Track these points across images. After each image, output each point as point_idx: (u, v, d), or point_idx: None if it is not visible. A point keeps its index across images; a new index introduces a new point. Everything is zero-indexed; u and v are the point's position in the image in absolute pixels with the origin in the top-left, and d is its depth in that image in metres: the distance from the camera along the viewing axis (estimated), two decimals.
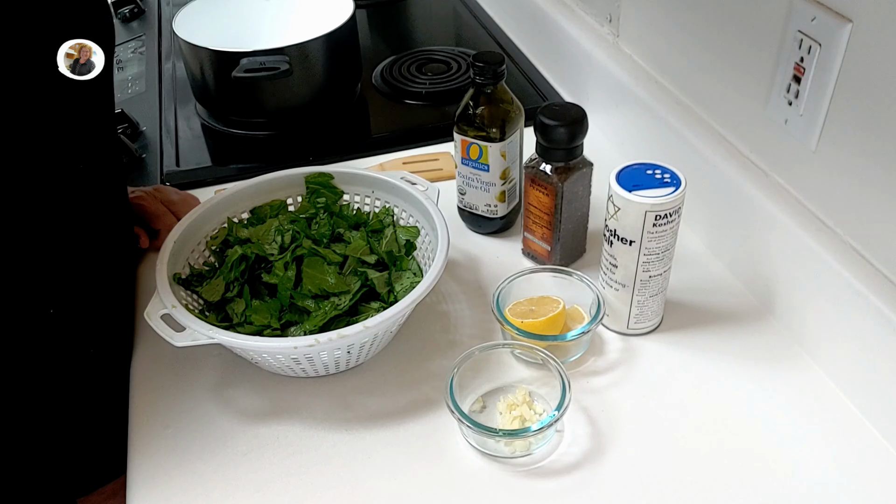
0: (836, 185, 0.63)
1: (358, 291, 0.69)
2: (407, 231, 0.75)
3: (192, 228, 0.73)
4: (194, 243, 0.73)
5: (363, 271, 0.71)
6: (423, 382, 0.68)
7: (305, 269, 0.70)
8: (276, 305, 0.68)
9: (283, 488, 0.60)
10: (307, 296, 0.68)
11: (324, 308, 0.67)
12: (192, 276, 0.72)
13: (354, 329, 0.61)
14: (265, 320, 0.67)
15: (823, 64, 0.61)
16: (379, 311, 0.64)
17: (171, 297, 0.64)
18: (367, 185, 0.79)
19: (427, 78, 1.11)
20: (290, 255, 0.71)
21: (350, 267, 0.72)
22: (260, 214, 0.77)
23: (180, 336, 0.61)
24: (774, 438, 0.62)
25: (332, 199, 0.78)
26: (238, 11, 1.09)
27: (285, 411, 0.66)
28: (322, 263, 0.70)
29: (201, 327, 0.61)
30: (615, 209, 0.65)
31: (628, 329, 0.71)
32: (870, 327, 0.60)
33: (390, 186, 0.77)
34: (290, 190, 0.79)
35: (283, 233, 0.73)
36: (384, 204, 0.78)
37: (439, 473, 0.61)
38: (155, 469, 0.62)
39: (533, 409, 0.64)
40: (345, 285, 0.69)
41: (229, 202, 0.76)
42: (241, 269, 0.71)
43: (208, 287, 0.70)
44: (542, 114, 0.71)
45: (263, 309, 0.68)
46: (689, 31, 0.80)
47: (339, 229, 0.76)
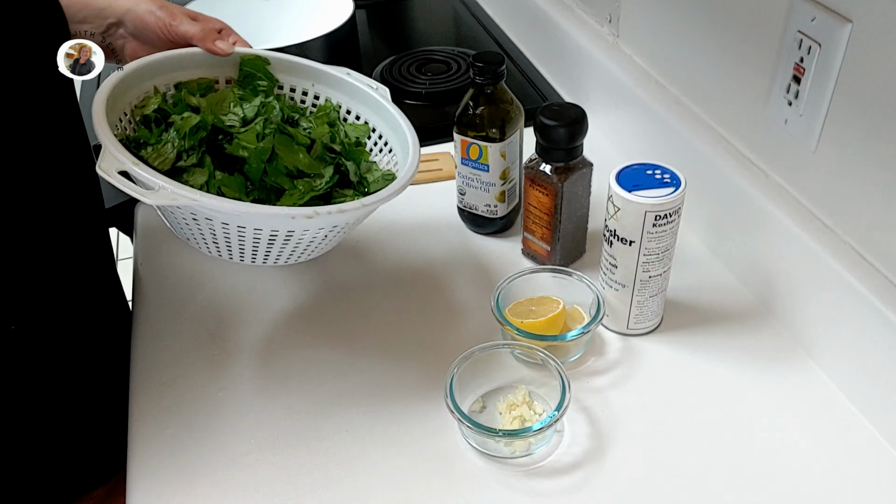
0: (836, 185, 0.64)
1: (332, 177, 0.65)
2: (356, 128, 0.71)
3: (117, 93, 0.64)
4: (119, 111, 0.65)
5: (334, 158, 0.67)
6: (422, 382, 0.68)
7: (277, 147, 0.64)
8: (242, 180, 0.62)
9: (283, 488, 0.60)
10: (281, 172, 0.63)
11: (300, 187, 0.63)
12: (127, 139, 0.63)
13: (353, 205, 0.58)
14: (236, 194, 0.61)
15: (823, 64, 0.61)
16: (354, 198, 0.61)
17: (126, 153, 0.55)
18: (307, 77, 0.73)
19: (427, 78, 1.11)
20: (260, 128, 0.65)
21: (317, 151, 0.67)
22: (187, 89, 0.70)
23: (153, 195, 0.54)
24: (774, 438, 0.62)
25: (269, 88, 0.72)
26: (238, 11, 1.09)
27: (285, 411, 0.66)
28: (292, 143, 0.65)
29: (178, 187, 0.53)
30: (615, 209, 0.65)
31: (628, 329, 0.71)
32: (870, 327, 0.60)
33: (335, 80, 0.72)
34: (217, 70, 0.72)
35: (242, 105, 0.67)
36: (326, 98, 0.73)
37: (439, 473, 0.61)
38: (155, 469, 0.62)
39: (533, 410, 0.64)
40: (318, 167, 0.65)
41: (153, 69, 0.68)
42: (198, 136, 0.64)
43: (154, 152, 0.62)
44: (542, 114, 0.71)
45: (231, 182, 0.61)
46: (689, 32, 0.80)
47: (292, 114, 0.71)
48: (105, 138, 0.56)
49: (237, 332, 0.74)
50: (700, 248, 0.81)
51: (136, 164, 0.55)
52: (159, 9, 0.71)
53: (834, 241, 0.64)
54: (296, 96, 0.74)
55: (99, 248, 0.73)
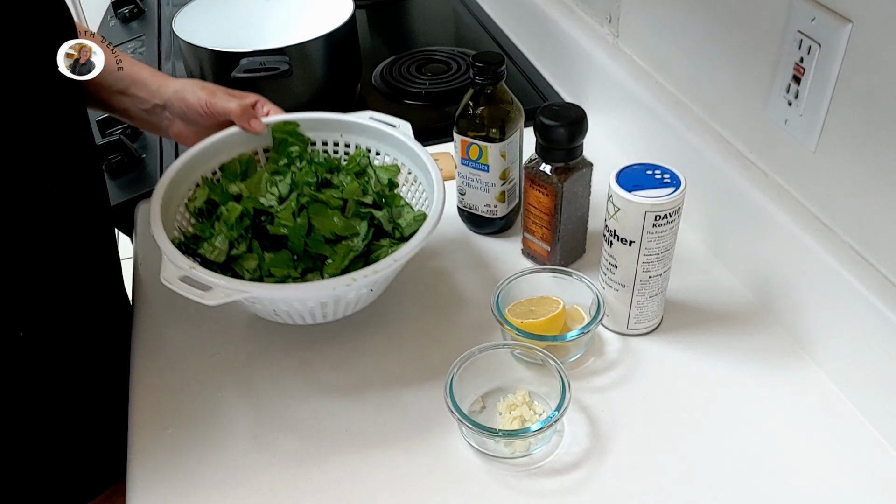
0: (836, 185, 0.64)
1: (368, 232, 0.70)
2: (386, 170, 0.75)
3: (170, 193, 0.70)
4: (175, 207, 0.71)
5: (367, 212, 0.71)
6: (422, 382, 0.68)
7: (313, 217, 0.69)
8: (289, 255, 0.68)
9: (283, 488, 0.60)
10: (321, 242, 0.68)
11: (340, 252, 0.68)
12: (185, 239, 0.69)
13: (385, 263, 0.62)
14: (284, 271, 0.67)
15: (823, 64, 0.61)
16: (390, 246, 0.67)
17: (183, 258, 0.61)
18: (334, 130, 0.78)
19: (427, 78, 1.11)
20: (294, 204, 0.70)
21: (351, 209, 0.71)
22: (231, 170, 0.76)
23: (210, 295, 0.59)
24: (774, 438, 0.62)
25: (302, 148, 0.77)
26: (238, 11, 1.09)
27: (285, 411, 0.66)
28: (325, 209, 0.70)
29: (231, 283, 0.60)
30: (615, 209, 0.65)
31: (628, 329, 0.71)
32: (870, 327, 0.60)
33: (359, 128, 0.77)
34: (254, 143, 0.78)
35: (277, 184, 0.72)
36: (355, 146, 0.78)
37: (439, 473, 0.61)
38: (155, 470, 0.62)
39: (533, 410, 0.64)
40: (353, 227, 0.70)
41: (196, 162, 0.74)
42: (244, 224, 0.70)
43: (209, 247, 0.68)
44: (542, 114, 0.71)
45: (279, 261, 0.67)
46: (689, 31, 0.80)
47: (325, 175, 0.75)
48: (164, 246, 0.63)
49: (237, 333, 0.74)
50: (700, 248, 0.81)
51: (194, 266, 0.61)
52: (201, 89, 0.76)
53: (834, 241, 0.64)
54: (328, 148, 0.79)
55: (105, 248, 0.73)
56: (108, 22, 1.40)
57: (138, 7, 1.39)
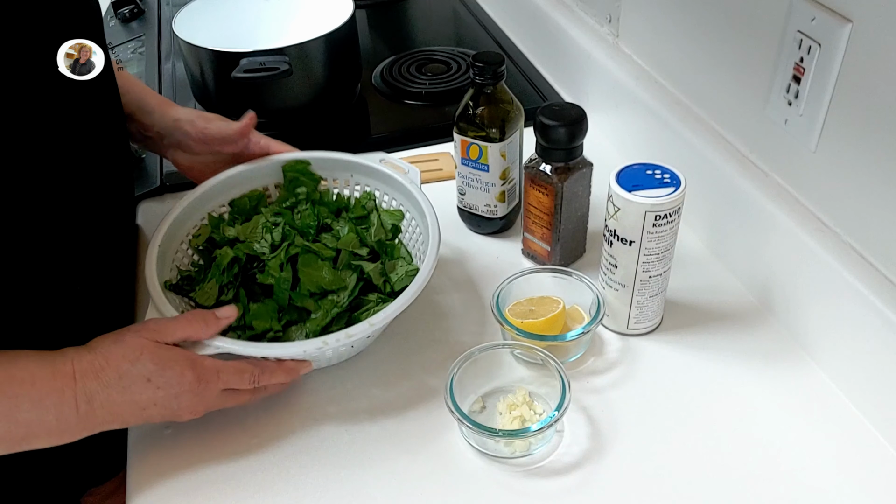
0: (836, 185, 0.64)
1: (355, 287, 0.69)
2: (391, 215, 0.75)
3: (174, 229, 0.71)
4: (177, 243, 0.72)
5: (358, 265, 0.70)
6: (422, 382, 0.68)
7: (301, 269, 0.69)
8: (274, 306, 0.68)
9: (283, 488, 0.60)
10: (305, 296, 0.68)
11: (324, 307, 0.67)
12: (181, 279, 0.71)
13: (361, 328, 0.62)
14: (266, 324, 0.67)
15: (823, 64, 0.61)
16: (377, 303, 0.66)
17: (168, 305, 0.63)
18: (345, 170, 0.78)
19: (427, 78, 1.11)
20: (283, 255, 0.70)
21: (343, 261, 0.71)
22: (240, 206, 0.76)
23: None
24: (774, 438, 0.62)
25: (311, 187, 0.77)
26: (238, 11, 1.09)
27: (285, 412, 0.66)
28: (316, 260, 0.70)
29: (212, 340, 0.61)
30: (615, 209, 0.65)
31: (628, 329, 0.71)
32: (870, 327, 0.60)
33: (369, 170, 0.77)
34: (266, 179, 0.78)
35: (272, 230, 0.73)
36: (364, 188, 0.78)
37: (439, 473, 0.61)
38: (155, 469, 0.62)
39: (533, 410, 0.64)
40: (341, 281, 0.69)
41: (207, 197, 0.75)
42: (233, 272, 0.70)
43: (201, 292, 0.69)
44: (542, 114, 0.71)
45: (263, 312, 0.67)
46: (689, 32, 0.80)
47: (325, 219, 0.75)
48: (153, 290, 0.64)
49: None
50: (700, 248, 0.81)
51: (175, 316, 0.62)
52: (198, 118, 0.76)
53: (834, 241, 0.64)
54: (339, 186, 0.79)
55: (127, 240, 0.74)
56: (108, 22, 1.40)
57: (138, 7, 1.39)
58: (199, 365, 0.58)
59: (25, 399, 0.52)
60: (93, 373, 0.54)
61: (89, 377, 0.54)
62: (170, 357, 0.57)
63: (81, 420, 0.54)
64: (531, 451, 0.62)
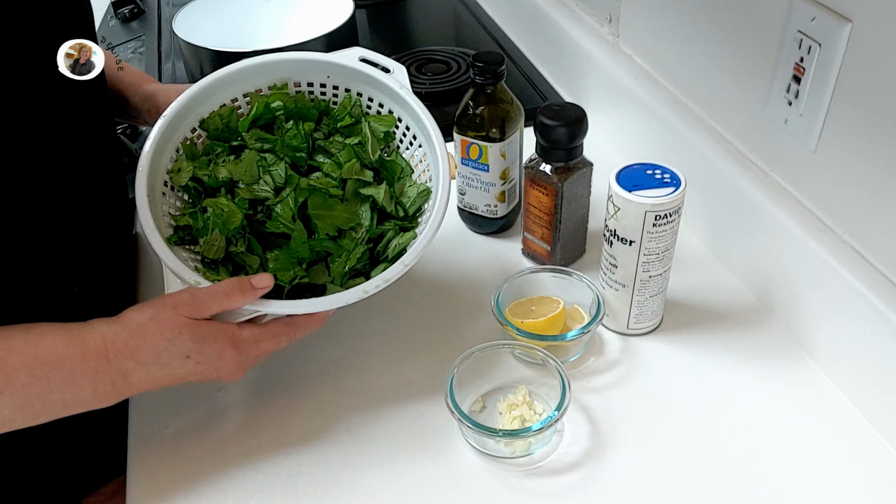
0: (836, 185, 0.64)
1: (372, 219, 0.67)
2: (382, 121, 0.71)
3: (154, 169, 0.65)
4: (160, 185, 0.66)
5: (368, 194, 0.68)
6: (422, 382, 0.68)
7: (312, 212, 0.66)
8: (290, 253, 0.65)
9: (283, 488, 0.60)
10: (324, 240, 0.66)
11: (346, 246, 0.66)
12: (178, 229, 0.66)
13: (395, 270, 0.61)
14: (290, 273, 0.64)
15: (823, 64, 0.61)
16: (396, 231, 0.66)
17: (189, 272, 0.60)
18: (321, 71, 0.71)
19: (427, 78, 1.11)
20: (293, 203, 0.66)
21: (350, 191, 0.68)
22: (211, 126, 0.70)
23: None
24: (774, 438, 0.62)
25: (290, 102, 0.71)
26: (238, 11, 1.09)
27: (284, 412, 0.66)
28: (325, 199, 0.67)
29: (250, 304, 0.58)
30: (615, 209, 0.65)
31: (628, 329, 0.71)
32: (870, 327, 0.60)
33: (349, 71, 0.70)
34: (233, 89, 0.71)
35: (270, 170, 0.68)
36: (344, 91, 0.72)
37: (439, 473, 0.61)
38: (155, 469, 0.62)
39: (533, 409, 0.64)
40: (357, 217, 0.67)
41: (175, 124, 0.67)
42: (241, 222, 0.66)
43: (207, 245, 0.65)
44: (542, 114, 0.71)
45: (284, 261, 0.64)
46: (689, 31, 0.80)
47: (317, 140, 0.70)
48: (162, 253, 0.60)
49: None
50: (700, 248, 0.81)
51: (199, 283, 0.59)
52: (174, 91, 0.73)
53: (834, 241, 0.64)
54: (314, 90, 0.73)
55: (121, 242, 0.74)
56: (108, 22, 1.40)
57: (138, 7, 1.39)
58: (238, 338, 0.57)
59: (57, 381, 0.52)
60: (129, 352, 0.54)
61: (125, 356, 0.54)
62: (208, 333, 0.56)
63: (118, 392, 0.55)
64: (531, 450, 0.62)
